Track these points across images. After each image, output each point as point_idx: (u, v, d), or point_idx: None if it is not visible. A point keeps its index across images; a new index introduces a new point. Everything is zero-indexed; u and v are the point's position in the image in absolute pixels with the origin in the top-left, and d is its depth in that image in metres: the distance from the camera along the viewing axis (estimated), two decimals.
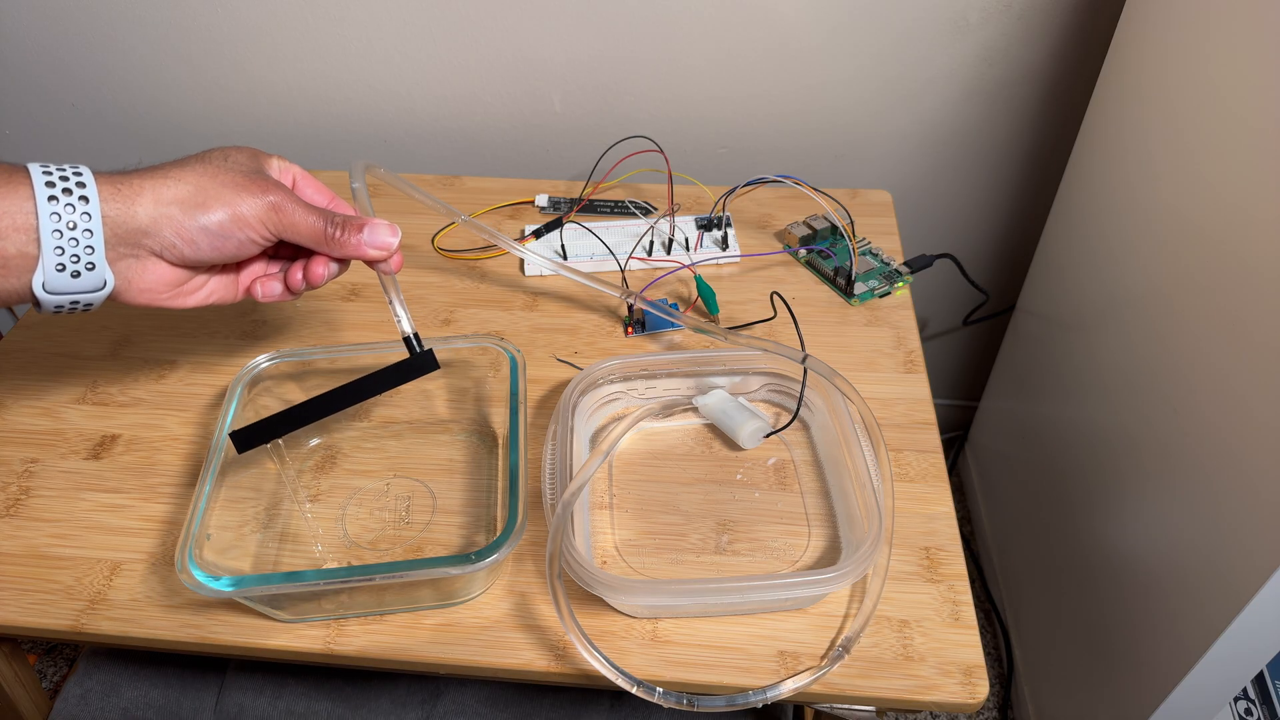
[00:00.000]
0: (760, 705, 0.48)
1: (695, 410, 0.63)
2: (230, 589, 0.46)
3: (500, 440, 0.62)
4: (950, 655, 0.50)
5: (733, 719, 0.69)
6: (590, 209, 0.85)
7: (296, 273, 0.51)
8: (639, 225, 0.81)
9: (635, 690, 0.46)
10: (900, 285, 0.75)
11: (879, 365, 0.68)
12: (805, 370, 0.59)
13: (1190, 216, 0.65)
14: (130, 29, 0.95)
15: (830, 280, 0.76)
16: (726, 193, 0.78)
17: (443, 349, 0.60)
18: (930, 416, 0.64)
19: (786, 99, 0.94)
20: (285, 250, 0.52)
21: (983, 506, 1.16)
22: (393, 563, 0.49)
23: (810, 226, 0.79)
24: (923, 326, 1.17)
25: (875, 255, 0.78)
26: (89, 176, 0.42)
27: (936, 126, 0.95)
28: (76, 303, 0.44)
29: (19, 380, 0.67)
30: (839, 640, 0.50)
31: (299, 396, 0.59)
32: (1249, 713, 0.77)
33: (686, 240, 0.78)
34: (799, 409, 0.62)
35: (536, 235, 0.79)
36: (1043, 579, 0.94)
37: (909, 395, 0.65)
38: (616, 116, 0.97)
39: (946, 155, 0.98)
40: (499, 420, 0.63)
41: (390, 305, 0.51)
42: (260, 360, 0.60)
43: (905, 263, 0.78)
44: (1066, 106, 0.92)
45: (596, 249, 0.77)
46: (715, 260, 0.78)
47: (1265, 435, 0.55)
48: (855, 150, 0.98)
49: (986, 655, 0.80)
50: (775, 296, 0.71)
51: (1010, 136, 0.96)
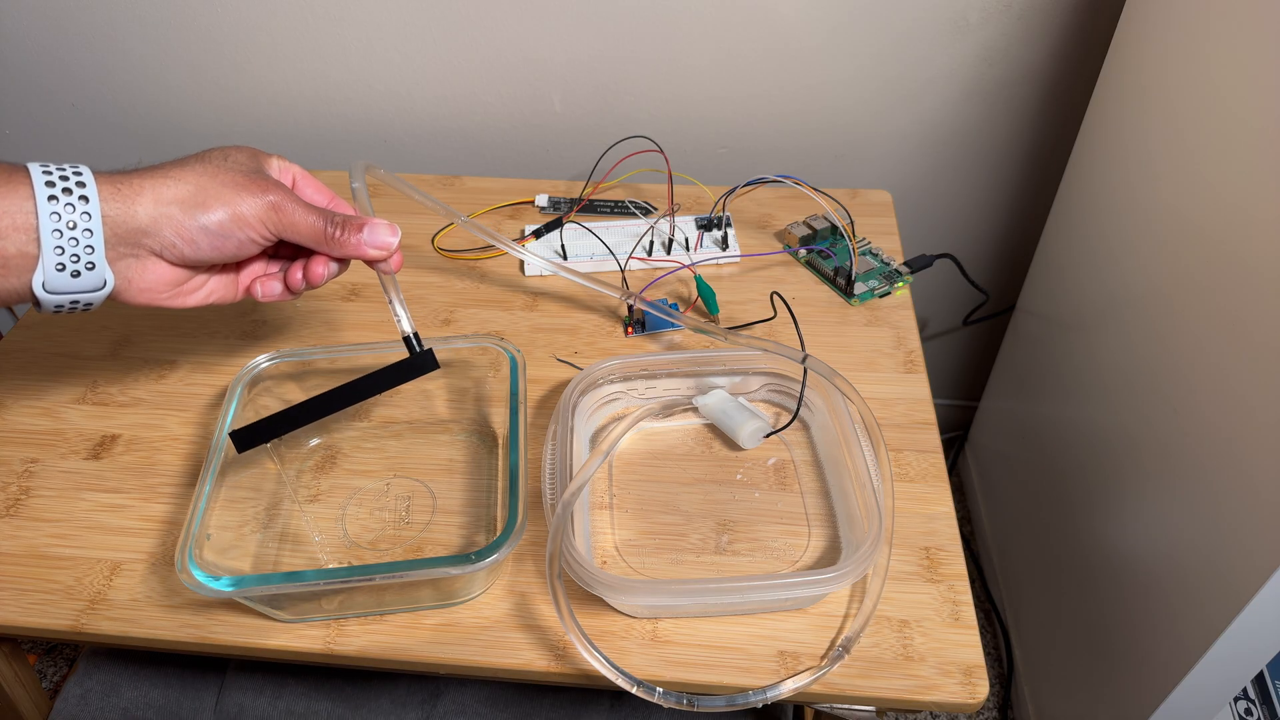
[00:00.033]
0: (760, 705, 0.48)
1: (695, 410, 0.63)
2: (230, 589, 0.46)
3: (500, 440, 0.62)
4: (950, 655, 0.50)
5: (733, 719, 0.69)
6: (590, 209, 0.85)
7: (296, 272, 0.51)
8: (639, 225, 0.81)
9: (635, 690, 0.46)
10: (900, 285, 0.75)
11: (879, 365, 0.68)
12: (805, 370, 0.59)
13: (1190, 216, 0.65)
14: (130, 29, 0.95)
15: (830, 280, 0.76)
16: (726, 193, 0.78)
17: (443, 349, 0.60)
18: (930, 416, 0.64)
19: (786, 99, 0.94)
20: (285, 250, 0.52)
21: (983, 506, 1.16)
22: (393, 563, 0.49)
23: (810, 226, 0.79)
24: (923, 326, 1.17)
25: (875, 255, 0.78)
26: (89, 176, 0.42)
27: (936, 126, 0.95)
28: (76, 302, 0.44)
29: (19, 380, 0.67)
30: (839, 640, 0.50)
31: (299, 396, 0.59)
32: (1249, 713, 0.77)
33: (686, 240, 0.78)
34: (799, 409, 0.62)
35: (536, 235, 0.79)
36: (1043, 579, 0.94)
37: (909, 395, 0.65)
38: (616, 116, 0.97)
39: (946, 155, 0.98)
40: (499, 420, 0.63)
41: (390, 305, 0.51)
42: (260, 360, 0.60)
43: (905, 263, 0.78)
44: (1066, 106, 0.92)
45: (596, 249, 0.77)
46: (715, 260, 0.78)
47: (1265, 435, 0.55)
48: (855, 150, 0.98)
49: (986, 655, 0.80)
50: (775, 296, 0.70)
51: (1010, 136, 0.96)
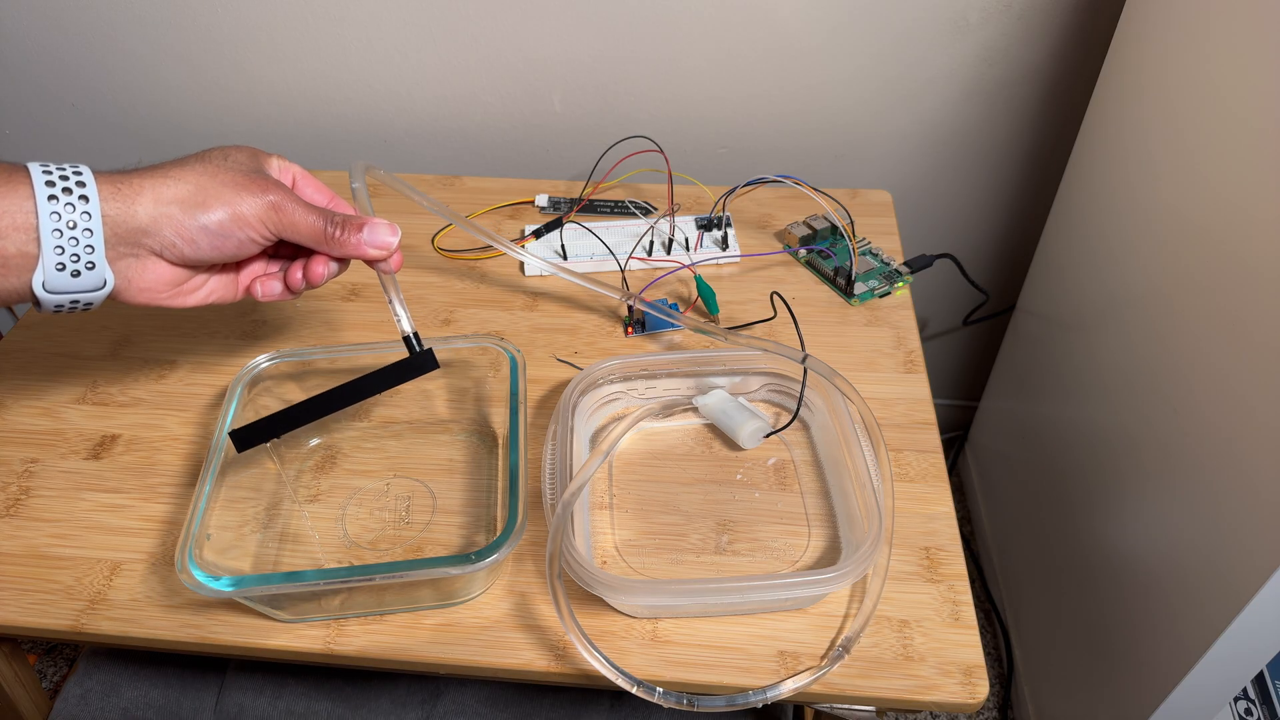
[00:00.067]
0: (760, 705, 0.48)
1: (695, 410, 0.63)
2: (230, 589, 0.46)
3: (500, 440, 0.62)
4: (950, 655, 0.50)
5: (733, 719, 0.69)
6: (590, 209, 0.85)
7: (296, 272, 0.51)
8: (639, 225, 0.81)
9: (635, 690, 0.46)
10: (900, 285, 0.75)
11: (879, 365, 0.68)
12: (805, 370, 0.59)
13: (1190, 216, 0.65)
14: (130, 29, 0.95)
15: (830, 280, 0.76)
16: (726, 193, 0.78)
17: (443, 349, 0.60)
18: (930, 416, 0.64)
19: (786, 99, 0.94)
20: (285, 249, 0.52)
21: (983, 506, 1.16)
22: (393, 563, 0.49)
23: (810, 226, 0.79)
24: (923, 326, 1.17)
25: (875, 255, 0.78)
26: (89, 176, 0.42)
27: (936, 126, 0.95)
28: (76, 302, 0.44)
29: (19, 380, 0.67)
30: (839, 640, 0.50)
31: (299, 396, 0.59)
32: (1249, 713, 0.77)
33: (686, 240, 0.78)
34: (799, 409, 0.62)
35: (536, 235, 0.79)
36: (1043, 579, 0.94)
37: (909, 395, 0.65)
38: (616, 116, 0.97)
39: (946, 155, 0.98)
40: (499, 420, 0.63)
41: (390, 305, 0.51)
42: (260, 360, 0.60)
43: (905, 263, 0.78)
44: (1066, 106, 0.92)
45: (596, 249, 0.77)
46: (715, 260, 0.78)
47: (1265, 435, 0.55)
48: (855, 150, 0.98)
49: (986, 655, 0.80)
50: (775, 296, 0.70)
51: (1010, 136, 0.96)
